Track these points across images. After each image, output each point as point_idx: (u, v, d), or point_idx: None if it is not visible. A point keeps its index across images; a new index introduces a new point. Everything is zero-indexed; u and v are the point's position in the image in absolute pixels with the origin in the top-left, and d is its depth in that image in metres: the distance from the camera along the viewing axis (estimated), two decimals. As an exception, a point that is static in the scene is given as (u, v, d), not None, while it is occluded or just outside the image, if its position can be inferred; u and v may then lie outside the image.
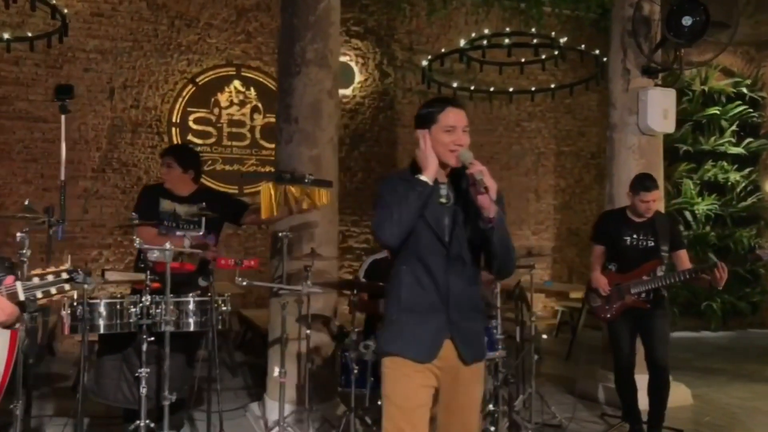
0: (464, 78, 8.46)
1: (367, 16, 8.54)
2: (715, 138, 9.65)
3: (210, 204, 3.67)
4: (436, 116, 2.33)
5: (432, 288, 2.32)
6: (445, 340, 2.32)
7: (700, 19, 4.81)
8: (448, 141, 2.30)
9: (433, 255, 2.32)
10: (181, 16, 7.74)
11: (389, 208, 2.27)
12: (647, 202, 4.17)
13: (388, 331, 2.40)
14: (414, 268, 2.34)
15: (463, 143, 2.32)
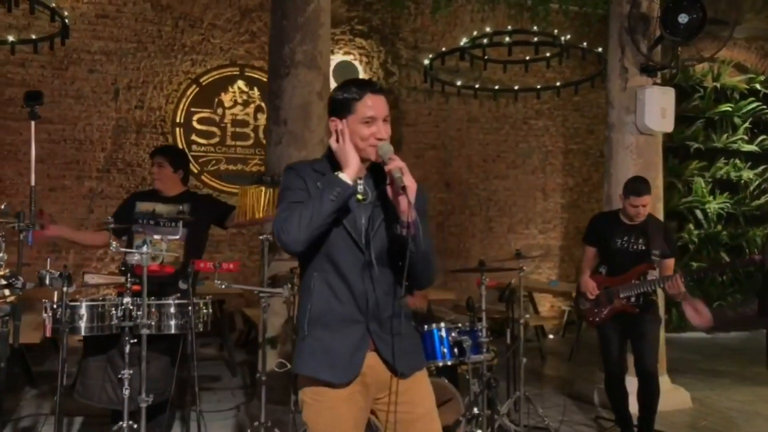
0: (469, 76, 8.43)
1: (371, 14, 8.51)
2: (727, 135, 9.49)
3: (194, 207, 3.67)
4: (353, 105, 2.02)
5: (348, 297, 2.03)
6: (366, 353, 2.05)
7: (696, 16, 4.71)
8: (367, 134, 2.01)
9: (349, 259, 2.03)
10: (185, 16, 7.79)
11: (296, 206, 1.98)
12: (637, 206, 4.10)
13: (299, 349, 2.08)
14: (326, 275, 2.05)
15: (384, 136, 2.02)
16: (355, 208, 2.04)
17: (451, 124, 8.87)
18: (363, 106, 2.01)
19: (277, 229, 1.98)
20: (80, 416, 4.60)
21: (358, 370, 2.03)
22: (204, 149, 7.83)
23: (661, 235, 4.15)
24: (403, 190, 1.90)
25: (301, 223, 1.93)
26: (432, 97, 8.59)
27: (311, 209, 1.94)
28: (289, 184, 2.08)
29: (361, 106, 2.01)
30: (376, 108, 2.01)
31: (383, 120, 2.03)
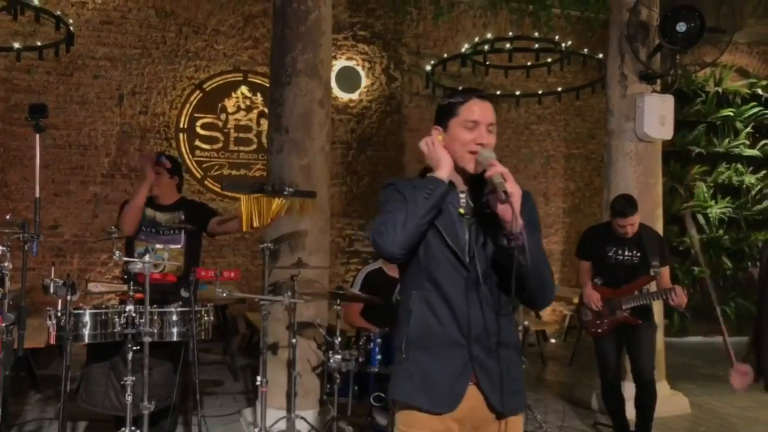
0: (472, 81, 8.45)
1: (374, 20, 8.57)
2: (729, 140, 9.50)
3: (189, 214, 3.72)
4: (456, 108, 1.95)
5: (449, 318, 1.89)
6: (468, 383, 1.89)
7: (694, 25, 4.75)
8: (468, 139, 1.91)
9: (451, 278, 1.90)
10: (189, 23, 7.85)
11: (391, 211, 1.87)
12: (624, 226, 4.14)
13: (397, 373, 1.96)
14: (427, 294, 1.92)
15: (486, 143, 1.92)
16: (457, 222, 1.93)
17: (453, 129, 8.89)
18: (467, 110, 1.94)
19: (373, 233, 1.88)
20: (84, 421, 4.66)
21: (459, 400, 1.88)
22: (207, 154, 7.89)
23: (657, 245, 4.18)
24: (506, 197, 1.77)
25: (396, 226, 1.82)
26: (434, 102, 8.61)
27: (406, 211, 1.83)
28: (388, 198, 1.97)
29: (464, 110, 1.94)
30: (481, 112, 1.94)
31: (487, 127, 1.94)
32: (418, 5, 8.60)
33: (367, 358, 3.89)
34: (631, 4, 5.28)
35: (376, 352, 3.88)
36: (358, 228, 8.48)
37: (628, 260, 4.19)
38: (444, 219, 1.91)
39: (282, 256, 4.40)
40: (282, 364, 4.43)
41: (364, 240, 8.56)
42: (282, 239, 4.48)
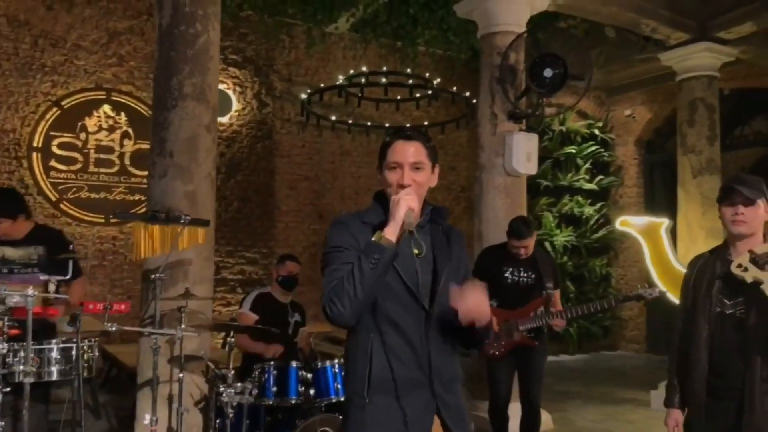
0: (343, 111, 8.62)
1: (245, 45, 8.50)
2: (571, 174, 10.44)
3: (46, 244, 3.41)
4: (384, 150, 2.03)
5: (411, 359, 1.91)
6: (433, 419, 1.93)
7: (559, 71, 5.23)
8: (392, 180, 1.99)
9: (410, 318, 1.92)
10: (46, 35, 7.32)
11: (341, 275, 1.86)
12: (518, 248, 4.30)
13: (357, 419, 1.92)
14: (386, 336, 1.91)
15: (406, 182, 1.96)
16: (414, 262, 1.92)
17: (324, 157, 9.01)
18: (391, 151, 2.01)
19: (324, 302, 1.86)
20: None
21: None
22: (64, 176, 7.35)
23: (550, 268, 4.42)
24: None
25: (346, 296, 1.82)
26: (306, 129, 8.69)
27: (354, 280, 1.83)
28: (337, 241, 1.96)
29: (390, 152, 2.01)
30: (402, 154, 1.98)
31: (411, 166, 1.98)
32: (290, 34, 8.65)
33: (261, 390, 3.83)
34: (502, 49, 5.72)
35: (271, 384, 3.83)
36: (225, 255, 8.27)
37: (523, 281, 4.33)
38: (401, 260, 1.92)
39: (167, 286, 4.21)
40: (163, 399, 4.22)
41: (233, 267, 8.37)
42: (166, 269, 4.29)
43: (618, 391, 7.30)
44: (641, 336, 10.63)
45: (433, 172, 2.10)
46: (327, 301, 1.87)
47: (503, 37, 5.77)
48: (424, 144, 2.05)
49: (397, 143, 2.00)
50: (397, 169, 1.99)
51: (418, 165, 2.00)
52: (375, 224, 1.99)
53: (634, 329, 10.71)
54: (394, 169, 1.99)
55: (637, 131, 10.82)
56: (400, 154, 1.98)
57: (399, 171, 1.98)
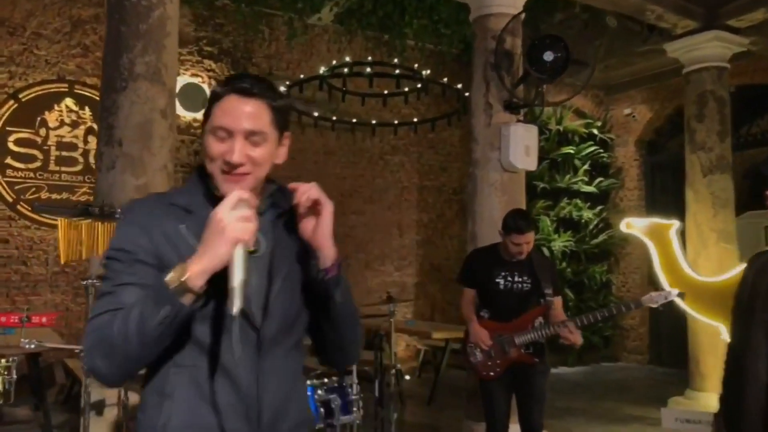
0: (326, 108, 8.07)
1: (222, 36, 7.95)
2: (569, 176, 9.92)
3: None
4: (210, 106, 1.41)
5: (230, 401, 1.35)
6: None
7: (561, 55, 4.70)
8: (215, 152, 1.38)
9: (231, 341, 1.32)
10: (3, 22, 6.75)
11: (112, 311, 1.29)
12: (519, 244, 3.68)
13: None
14: (192, 371, 1.35)
15: (240, 160, 1.36)
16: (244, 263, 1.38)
17: (307, 157, 8.45)
18: (219, 110, 1.38)
19: (85, 349, 1.31)
20: None
21: None
22: (22, 174, 6.76)
23: (548, 271, 3.84)
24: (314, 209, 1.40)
25: (115, 356, 1.26)
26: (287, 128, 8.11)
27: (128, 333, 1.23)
28: (122, 241, 1.37)
29: (217, 110, 1.39)
30: (234, 116, 1.36)
31: (246, 136, 1.37)
32: (270, 25, 8.12)
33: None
34: (497, 32, 5.19)
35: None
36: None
37: (518, 287, 3.75)
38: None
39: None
40: (108, 423, 3.64)
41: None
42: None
43: (624, 407, 6.75)
44: (643, 346, 10.08)
45: (281, 144, 1.50)
46: (88, 348, 1.30)
47: (498, 20, 5.24)
48: (270, 103, 1.42)
49: (229, 99, 1.39)
50: (225, 138, 1.38)
51: (258, 135, 1.40)
52: (189, 209, 1.42)
53: (636, 339, 10.17)
54: (220, 138, 1.38)
55: (637, 131, 10.32)
56: (231, 117, 1.37)
57: (228, 141, 1.38)
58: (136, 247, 1.36)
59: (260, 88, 1.41)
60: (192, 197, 1.44)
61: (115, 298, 1.32)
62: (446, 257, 9.42)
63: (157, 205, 1.43)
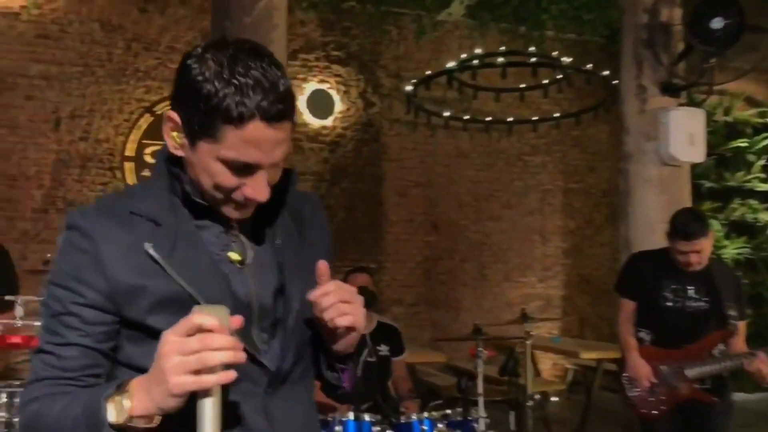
0: (458, 107, 7.59)
1: (349, 39, 7.72)
2: (742, 173, 8.65)
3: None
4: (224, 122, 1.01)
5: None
6: None
7: (734, 21, 3.87)
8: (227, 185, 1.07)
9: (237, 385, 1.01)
10: (139, 38, 6.94)
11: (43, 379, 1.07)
12: (686, 254, 2.96)
13: None
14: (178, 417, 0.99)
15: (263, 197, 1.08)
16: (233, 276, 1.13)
17: (438, 160, 8.00)
18: (239, 138, 1.01)
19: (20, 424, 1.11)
20: None
21: None
22: (157, 187, 6.89)
23: (733, 288, 3.06)
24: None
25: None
26: (417, 129, 7.72)
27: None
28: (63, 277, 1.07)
29: (234, 136, 1.01)
30: (262, 149, 1.03)
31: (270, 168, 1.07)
32: (398, 24, 7.77)
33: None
34: (649, 4, 4.43)
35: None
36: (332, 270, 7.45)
37: (692, 305, 3.02)
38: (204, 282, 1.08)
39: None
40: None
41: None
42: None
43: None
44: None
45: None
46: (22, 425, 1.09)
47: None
48: (293, 119, 1.08)
49: (254, 127, 1.01)
50: (243, 170, 1.06)
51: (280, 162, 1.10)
52: (156, 220, 1.10)
53: (830, 362, 8.63)
54: (235, 170, 1.05)
55: (826, 119, 8.82)
56: (260, 152, 1.04)
57: (246, 174, 1.06)
58: (82, 286, 1.06)
59: (287, 105, 1.05)
60: (158, 201, 1.12)
61: (57, 361, 1.07)
62: (596, 267, 8.53)
63: (112, 219, 1.09)
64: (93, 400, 0.98)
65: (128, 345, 1.10)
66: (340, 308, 1.07)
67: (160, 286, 1.05)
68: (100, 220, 1.08)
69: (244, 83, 1.00)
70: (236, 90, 1.00)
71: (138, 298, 1.06)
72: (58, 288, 1.07)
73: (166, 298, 1.06)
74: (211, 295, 1.05)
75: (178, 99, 1.08)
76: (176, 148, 1.10)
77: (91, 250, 1.06)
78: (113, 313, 1.07)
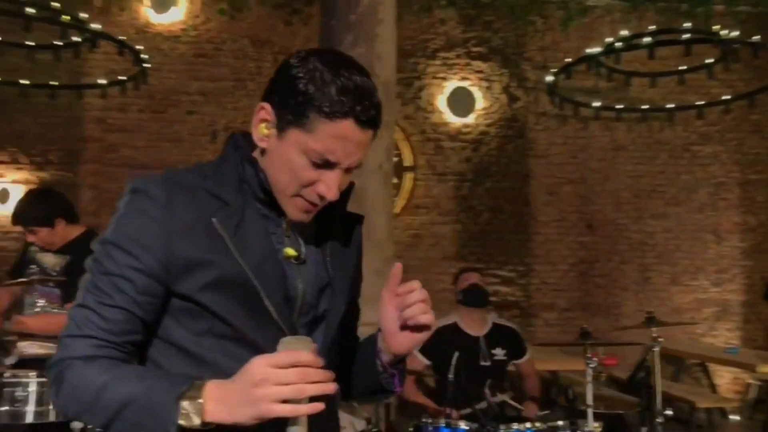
0: (613, 96, 7.04)
1: (491, 33, 7.48)
2: None
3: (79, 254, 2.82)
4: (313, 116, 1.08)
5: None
6: None
7: None
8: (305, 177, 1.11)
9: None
10: (285, 50, 7.25)
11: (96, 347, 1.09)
12: None
13: None
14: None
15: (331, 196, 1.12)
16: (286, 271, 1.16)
17: (591, 154, 7.48)
18: (326, 132, 1.08)
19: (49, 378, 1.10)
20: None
21: None
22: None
23: None
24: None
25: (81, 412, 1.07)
26: (566, 123, 7.27)
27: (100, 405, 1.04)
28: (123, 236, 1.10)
29: (325, 129, 1.08)
30: (346, 149, 1.10)
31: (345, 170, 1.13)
32: (543, 13, 7.39)
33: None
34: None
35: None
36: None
37: None
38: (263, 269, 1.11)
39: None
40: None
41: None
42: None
43: None
44: None
45: None
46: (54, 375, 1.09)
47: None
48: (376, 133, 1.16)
49: (346, 125, 1.09)
50: (321, 165, 1.11)
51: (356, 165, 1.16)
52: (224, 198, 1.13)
53: None
54: (315, 163, 1.11)
55: None
56: (344, 150, 1.11)
57: (323, 170, 1.12)
58: (143, 250, 1.09)
59: (378, 116, 1.14)
60: (229, 183, 1.16)
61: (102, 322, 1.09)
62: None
63: (183, 191, 1.12)
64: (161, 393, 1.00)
65: (169, 321, 1.13)
66: (423, 307, 1.12)
67: (222, 264, 1.07)
68: (170, 190, 1.11)
69: (346, 85, 1.08)
70: (337, 89, 1.07)
71: (196, 273, 1.07)
72: (116, 249, 1.09)
73: (225, 277, 1.07)
74: (267, 284, 1.10)
75: (275, 92, 1.15)
76: (261, 140, 1.14)
77: (159, 217, 1.08)
78: (165, 285, 1.09)
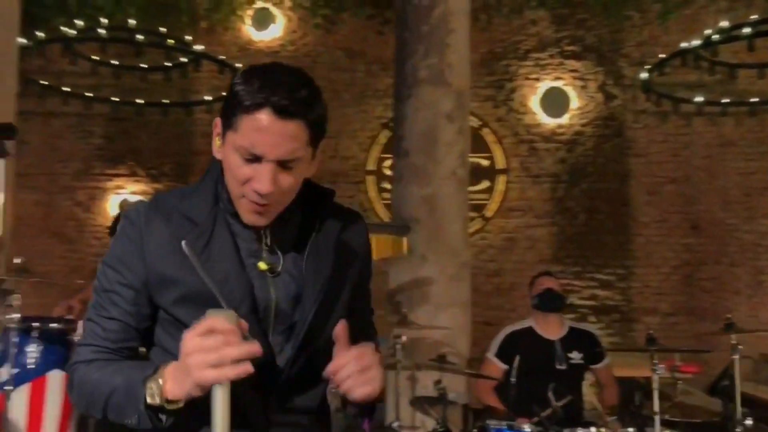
0: (718, 90, 6.68)
1: (584, 31, 7.30)
2: None
3: None
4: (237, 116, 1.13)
5: None
6: None
7: None
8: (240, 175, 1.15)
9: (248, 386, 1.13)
10: (377, 60, 7.46)
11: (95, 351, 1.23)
12: None
13: None
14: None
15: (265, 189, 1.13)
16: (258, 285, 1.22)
17: (695, 151, 7.12)
18: (246, 127, 1.12)
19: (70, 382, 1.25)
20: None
21: None
22: (396, 197, 7.32)
23: None
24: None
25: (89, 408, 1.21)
26: (667, 120, 6.98)
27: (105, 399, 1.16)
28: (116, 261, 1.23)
29: (244, 125, 1.12)
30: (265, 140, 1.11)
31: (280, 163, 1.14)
32: (639, 7, 7.13)
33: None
34: None
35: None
36: (572, 277, 7.10)
37: None
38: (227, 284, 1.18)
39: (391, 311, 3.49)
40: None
41: (581, 291, 7.14)
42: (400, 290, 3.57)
43: None
44: None
45: (313, 158, 1.25)
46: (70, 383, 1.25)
47: None
48: (308, 121, 1.16)
49: (262, 115, 1.11)
50: (252, 160, 1.14)
51: (292, 162, 1.16)
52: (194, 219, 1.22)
53: None
54: (246, 159, 1.14)
55: None
56: (263, 143, 1.13)
57: (256, 165, 1.14)
58: (125, 268, 1.22)
59: (298, 106, 1.13)
60: (202, 203, 1.24)
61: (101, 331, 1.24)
62: None
63: (159, 214, 1.24)
64: (134, 379, 1.13)
65: (159, 328, 1.26)
66: (357, 379, 1.11)
67: (189, 281, 1.17)
68: (148, 214, 1.23)
69: (267, 81, 1.12)
70: (259, 86, 1.12)
71: (168, 288, 1.20)
72: (108, 268, 1.24)
73: (192, 293, 1.18)
74: (231, 297, 1.14)
75: (222, 106, 1.20)
76: (217, 152, 1.22)
77: (137, 238, 1.22)
78: (147, 298, 1.22)
